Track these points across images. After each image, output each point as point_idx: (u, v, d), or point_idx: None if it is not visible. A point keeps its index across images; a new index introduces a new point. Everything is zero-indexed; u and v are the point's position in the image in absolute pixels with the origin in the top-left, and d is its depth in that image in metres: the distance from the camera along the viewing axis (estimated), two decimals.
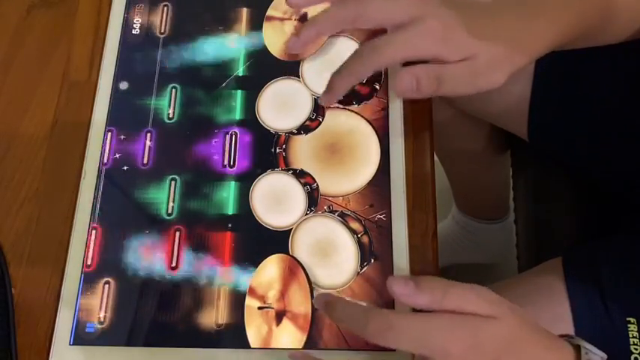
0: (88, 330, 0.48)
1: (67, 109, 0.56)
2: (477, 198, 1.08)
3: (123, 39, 0.58)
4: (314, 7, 0.57)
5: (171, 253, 0.50)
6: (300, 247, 0.50)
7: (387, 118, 0.54)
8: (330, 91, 0.49)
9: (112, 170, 0.53)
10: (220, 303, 0.49)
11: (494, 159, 0.91)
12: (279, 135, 0.54)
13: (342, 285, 0.49)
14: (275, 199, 0.52)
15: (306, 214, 0.51)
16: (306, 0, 0.52)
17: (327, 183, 0.52)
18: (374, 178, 0.52)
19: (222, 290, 0.49)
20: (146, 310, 0.48)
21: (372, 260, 0.50)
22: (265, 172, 0.53)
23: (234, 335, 0.48)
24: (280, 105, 0.55)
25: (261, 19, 0.58)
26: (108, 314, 0.48)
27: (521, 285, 0.61)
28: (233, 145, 0.54)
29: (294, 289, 0.49)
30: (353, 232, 0.51)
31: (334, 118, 0.54)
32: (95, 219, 0.51)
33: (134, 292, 0.49)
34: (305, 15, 0.58)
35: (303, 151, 0.53)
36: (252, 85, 0.56)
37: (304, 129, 0.54)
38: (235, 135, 0.54)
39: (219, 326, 0.48)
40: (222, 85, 0.56)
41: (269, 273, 0.49)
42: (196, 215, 0.51)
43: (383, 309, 0.43)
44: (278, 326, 0.48)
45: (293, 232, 0.51)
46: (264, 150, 0.53)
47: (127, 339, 0.48)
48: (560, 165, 0.71)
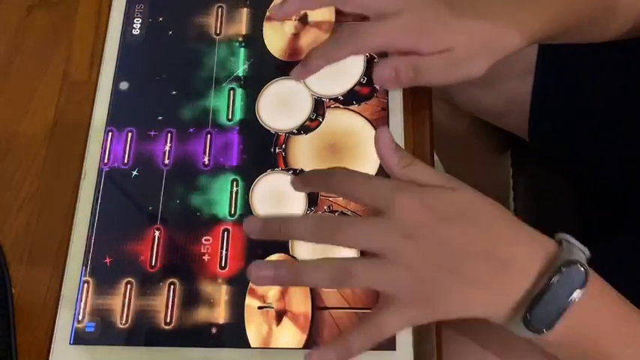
0: (88, 330, 0.48)
1: (67, 109, 0.56)
2: None
3: (123, 39, 0.58)
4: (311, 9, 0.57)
5: (171, 253, 0.50)
6: (300, 247, 0.50)
7: (387, 118, 0.54)
8: (304, 67, 0.51)
9: (112, 170, 0.53)
10: (220, 303, 0.49)
11: (494, 159, 0.91)
12: (278, 135, 0.54)
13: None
14: (275, 199, 0.52)
15: (306, 214, 0.51)
16: (290, 10, 0.54)
17: None
18: None
19: (222, 290, 0.49)
20: (146, 310, 0.48)
21: None
22: (265, 172, 0.53)
23: (234, 335, 0.48)
24: (280, 105, 0.55)
25: (261, 19, 0.58)
26: (108, 314, 0.48)
27: None
28: (233, 145, 0.54)
29: (294, 288, 0.49)
30: None
31: (334, 118, 0.54)
32: (95, 219, 0.51)
33: (134, 291, 0.49)
34: (305, 15, 0.58)
35: (303, 151, 0.53)
36: (252, 85, 0.56)
37: (304, 129, 0.54)
38: (235, 135, 0.54)
39: (219, 326, 0.48)
40: (222, 85, 0.56)
41: None
42: (196, 215, 0.51)
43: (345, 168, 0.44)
44: (278, 326, 0.48)
45: None
46: (264, 150, 0.53)
47: (127, 339, 0.48)
48: (560, 165, 0.71)
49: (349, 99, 0.55)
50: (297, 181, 0.44)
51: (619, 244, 0.61)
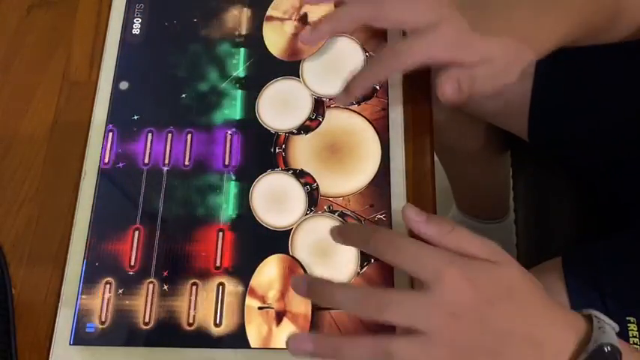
0: (88, 330, 0.48)
1: (67, 109, 0.56)
2: (477, 198, 1.08)
3: (123, 39, 0.58)
4: (317, 6, 0.57)
5: (171, 252, 0.50)
6: (300, 247, 0.50)
7: (387, 118, 0.54)
8: (348, 91, 0.51)
9: (112, 170, 0.53)
10: (220, 303, 0.49)
11: (494, 159, 0.91)
12: (278, 135, 0.54)
13: None
14: (275, 199, 0.52)
15: (306, 214, 0.51)
16: (322, 35, 0.53)
17: (327, 183, 0.52)
18: (374, 178, 0.52)
19: (222, 290, 0.49)
20: (146, 310, 0.48)
21: (372, 260, 0.49)
22: (265, 172, 0.53)
23: (234, 335, 0.48)
24: (280, 105, 0.55)
25: (261, 19, 0.58)
26: (108, 314, 0.48)
27: None
28: (233, 145, 0.54)
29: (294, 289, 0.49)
30: None
31: (334, 118, 0.54)
32: (95, 219, 0.51)
33: (134, 291, 0.49)
34: (305, 15, 0.58)
35: (303, 151, 0.53)
36: (252, 85, 0.56)
37: (304, 129, 0.54)
38: (235, 135, 0.54)
39: (219, 326, 0.48)
40: (222, 85, 0.56)
41: (269, 273, 0.49)
42: (197, 215, 0.51)
43: (389, 229, 0.44)
44: (278, 326, 0.48)
45: (293, 232, 0.51)
46: (264, 150, 0.53)
47: (127, 339, 0.48)
48: (560, 165, 0.71)
49: None
50: (336, 234, 0.44)
51: (619, 242, 0.61)
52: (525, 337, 0.39)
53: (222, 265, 0.50)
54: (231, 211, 0.51)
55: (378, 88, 0.55)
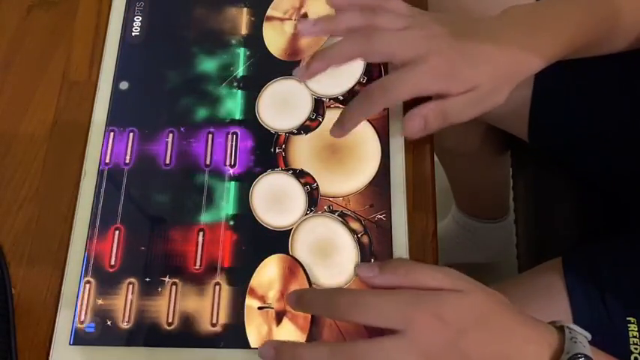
0: (88, 330, 0.48)
1: (67, 109, 0.56)
2: (477, 198, 1.08)
3: (123, 39, 0.58)
4: (317, 5, 0.57)
5: (171, 252, 0.50)
6: (300, 247, 0.50)
7: (387, 118, 0.54)
8: (341, 126, 0.51)
9: (112, 170, 0.53)
10: (220, 303, 0.49)
11: (494, 159, 0.91)
12: (278, 135, 0.54)
13: (342, 285, 0.49)
14: (275, 199, 0.52)
15: (306, 214, 0.51)
16: (317, 70, 0.52)
17: (327, 183, 0.52)
18: (374, 178, 0.52)
19: (222, 290, 0.49)
20: (146, 310, 0.48)
21: (372, 260, 0.50)
22: (265, 172, 0.53)
23: (234, 335, 0.48)
24: (280, 105, 0.55)
25: (261, 19, 0.58)
26: (108, 313, 0.48)
27: (521, 285, 0.61)
28: (233, 145, 0.54)
29: (294, 289, 0.49)
30: (353, 232, 0.51)
31: (334, 118, 0.54)
32: (96, 219, 0.51)
33: (134, 291, 0.49)
34: (305, 15, 0.58)
35: (303, 151, 0.53)
36: (252, 85, 0.56)
37: (304, 129, 0.54)
38: (235, 135, 0.54)
39: (219, 326, 0.48)
40: (222, 85, 0.56)
41: (269, 273, 0.49)
42: (197, 215, 0.51)
43: (348, 288, 0.44)
44: (278, 326, 0.48)
45: (293, 232, 0.51)
46: (264, 150, 0.53)
47: (127, 339, 0.48)
48: (560, 165, 0.71)
49: (349, 99, 0.55)
50: (294, 302, 0.43)
51: (619, 242, 0.61)
52: (501, 357, 0.39)
53: (222, 265, 0.50)
54: (231, 211, 0.51)
55: None
